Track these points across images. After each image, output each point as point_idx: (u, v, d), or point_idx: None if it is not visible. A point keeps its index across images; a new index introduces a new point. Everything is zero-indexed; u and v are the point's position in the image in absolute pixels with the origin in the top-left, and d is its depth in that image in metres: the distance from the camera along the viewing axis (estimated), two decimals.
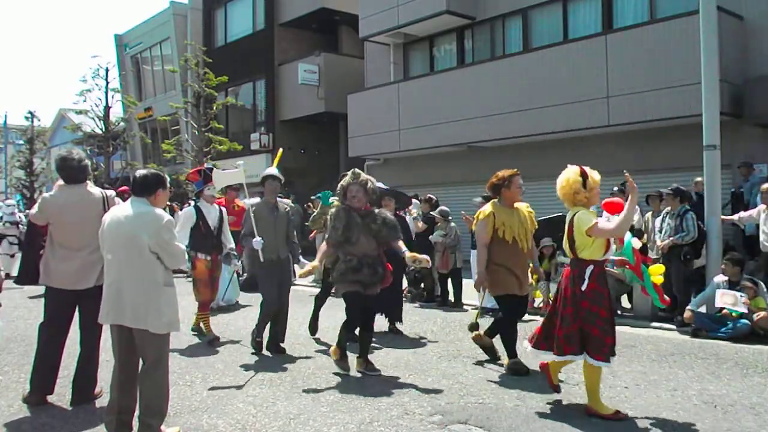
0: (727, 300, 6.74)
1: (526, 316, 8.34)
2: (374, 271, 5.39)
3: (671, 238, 7.75)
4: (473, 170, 15.52)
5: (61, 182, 4.70)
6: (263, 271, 6.35)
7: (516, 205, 5.69)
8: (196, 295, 7.00)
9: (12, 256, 11.97)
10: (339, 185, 5.59)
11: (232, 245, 7.12)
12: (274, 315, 6.36)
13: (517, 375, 5.36)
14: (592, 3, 13.78)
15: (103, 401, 4.44)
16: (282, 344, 6.43)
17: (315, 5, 20.22)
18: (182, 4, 25.81)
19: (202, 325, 7.07)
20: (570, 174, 4.44)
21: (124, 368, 3.87)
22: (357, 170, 5.57)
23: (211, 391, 4.97)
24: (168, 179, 4.14)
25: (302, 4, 20.63)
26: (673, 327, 7.38)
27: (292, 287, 6.78)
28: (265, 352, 6.34)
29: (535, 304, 8.79)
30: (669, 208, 8.02)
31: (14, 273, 7.45)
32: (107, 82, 23.70)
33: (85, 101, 23.38)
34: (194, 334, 7.13)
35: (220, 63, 20.78)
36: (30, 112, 32.04)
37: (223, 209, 7.30)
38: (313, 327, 7.17)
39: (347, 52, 21.01)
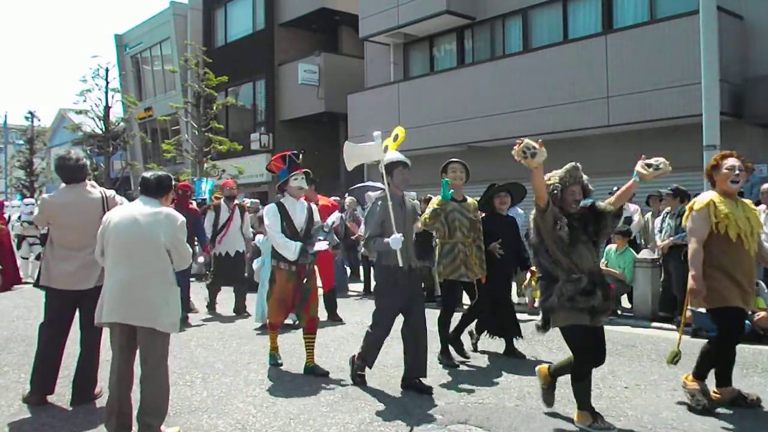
0: None
1: (525, 316, 8.34)
2: (606, 295, 4.10)
3: (671, 238, 7.75)
4: (473, 170, 15.39)
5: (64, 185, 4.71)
6: (386, 283, 4.98)
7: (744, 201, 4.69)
8: (268, 313, 5.83)
9: (37, 257, 11.81)
10: (552, 185, 4.22)
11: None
12: (382, 341, 5.02)
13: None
14: (592, 3, 13.80)
15: (103, 401, 4.43)
16: (424, 380, 4.93)
17: (315, 5, 20.25)
18: (182, 4, 25.83)
19: (269, 342, 5.90)
20: None
21: (122, 368, 3.87)
22: (576, 164, 4.30)
23: (211, 391, 4.97)
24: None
25: (302, 4, 20.67)
26: (673, 327, 7.37)
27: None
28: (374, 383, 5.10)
29: (535, 304, 8.77)
30: (669, 208, 8.02)
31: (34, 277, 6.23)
32: (107, 82, 23.70)
33: (85, 101, 23.40)
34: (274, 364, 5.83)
35: (220, 63, 20.79)
36: (30, 112, 32.18)
37: (313, 205, 5.83)
38: (457, 344, 6.02)
39: (347, 52, 21.05)
